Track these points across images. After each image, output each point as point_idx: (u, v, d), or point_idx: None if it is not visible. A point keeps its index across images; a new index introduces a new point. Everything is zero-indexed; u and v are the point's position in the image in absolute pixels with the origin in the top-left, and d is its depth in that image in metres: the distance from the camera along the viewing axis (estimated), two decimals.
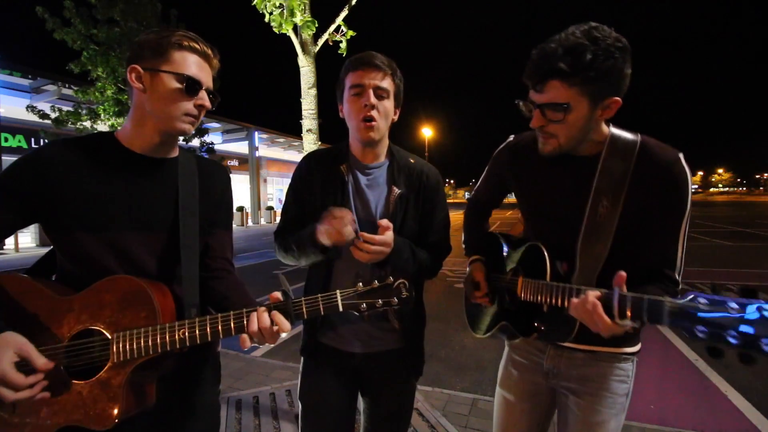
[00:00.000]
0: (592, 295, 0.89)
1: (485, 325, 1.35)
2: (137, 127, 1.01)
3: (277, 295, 0.97)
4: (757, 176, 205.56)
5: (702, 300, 0.74)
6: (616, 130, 1.06)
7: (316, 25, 2.71)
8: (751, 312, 0.68)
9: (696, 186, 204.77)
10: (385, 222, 1.05)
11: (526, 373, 1.27)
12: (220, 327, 0.93)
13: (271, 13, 2.66)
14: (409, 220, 1.28)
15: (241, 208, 21.82)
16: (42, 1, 7.92)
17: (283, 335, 0.94)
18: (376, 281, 0.95)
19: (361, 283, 0.95)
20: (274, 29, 2.71)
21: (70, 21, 8.23)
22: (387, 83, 1.22)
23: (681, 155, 0.99)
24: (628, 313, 0.83)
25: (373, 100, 1.19)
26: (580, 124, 0.99)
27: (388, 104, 1.24)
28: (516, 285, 1.17)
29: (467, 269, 1.39)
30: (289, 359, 3.57)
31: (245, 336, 0.93)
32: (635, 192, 1.00)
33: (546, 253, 1.06)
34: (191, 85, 0.97)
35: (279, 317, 0.93)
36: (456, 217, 3.82)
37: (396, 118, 1.31)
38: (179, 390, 1.08)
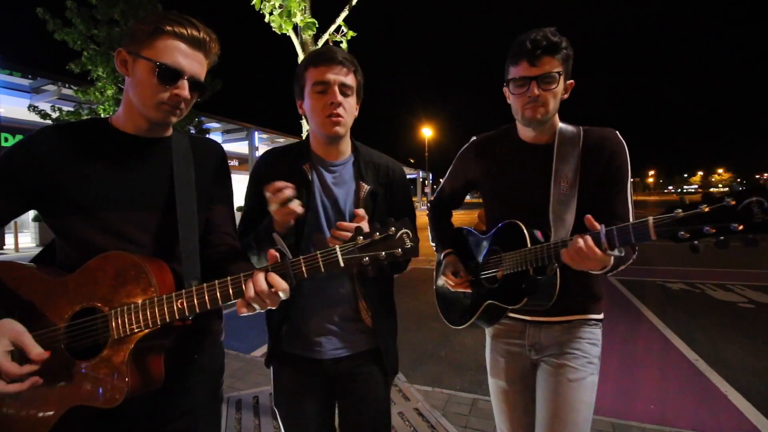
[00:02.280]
0: (583, 237, 1.00)
1: (468, 312, 1.43)
2: (127, 112, 1.01)
3: (275, 252, 0.92)
4: (757, 176, 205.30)
5: (678, 210, 0.85)
6: (561, 123, 1.28)
7: (317, 26, 2.70)
8: (704, 208, 0.82)
9: (696, 186, 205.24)
10: (361, 211, 1.02)
11: (510, 358, 1.38)
12: (218, 293, 0.90)
13: (270, 13, 2.65)
14: (379, 215, 1.25)
15: (241, 208, 21.77)
16: (42, 2, 7.94)
17: (282, 296, 0.90)
18: (377, 233, 0.88)
19: (361, 237, 0.88)
20: (274, 30, 2.70)
21: (70, 21, 8.24)
22: (350, 80, 1.19)
23: (616, 132, 1.23)
24: (617, 243, 0.96)
25: (339, 98, 1.16)
26: (559, 95, 1.21)
27: (352, 101, 1.22)
28: (499, 262, 1.29)
29: (441, 262, 1.49)
30: None
31: (241, 302, 0.89)
32: (587, 167, 1.21)
33: (523, 225, 1.21)
34: (165, 74, 0.93)
35: (275, 278, 0.88)
36: (456, 217, 3.80)
37: (356, 113, 1.27)
38: (180, 375, 1.06)
